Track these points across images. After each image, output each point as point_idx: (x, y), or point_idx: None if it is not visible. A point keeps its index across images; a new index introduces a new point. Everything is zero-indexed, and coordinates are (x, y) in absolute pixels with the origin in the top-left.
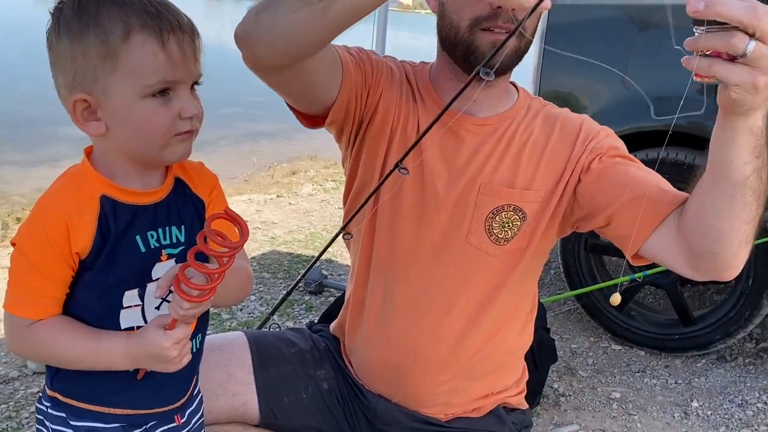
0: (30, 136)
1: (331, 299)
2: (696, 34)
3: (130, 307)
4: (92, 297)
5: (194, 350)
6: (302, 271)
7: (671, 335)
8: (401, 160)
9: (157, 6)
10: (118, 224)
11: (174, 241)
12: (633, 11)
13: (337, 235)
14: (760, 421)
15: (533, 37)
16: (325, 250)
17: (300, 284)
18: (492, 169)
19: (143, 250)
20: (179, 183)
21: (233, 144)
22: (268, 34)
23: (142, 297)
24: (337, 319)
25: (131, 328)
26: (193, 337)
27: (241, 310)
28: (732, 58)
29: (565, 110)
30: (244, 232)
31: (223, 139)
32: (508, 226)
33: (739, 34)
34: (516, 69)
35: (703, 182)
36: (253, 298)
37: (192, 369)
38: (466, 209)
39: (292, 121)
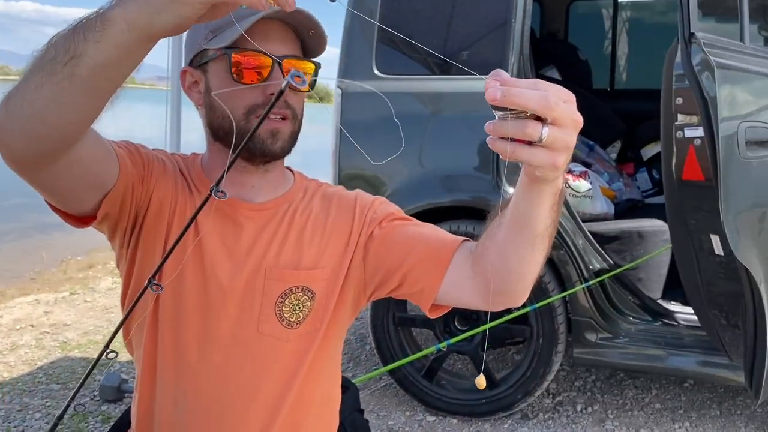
0: None
1: None
2: (496, 117)
3: None
4: None
5: None
6: (99, 378)
7: (479, 400)
8: (156, 271)
9: None
10: None
11: None
12: (425, 98)
13: (116, 331)
14: None
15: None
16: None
17: (94, 393)
18: (275, 252)
19: None
20: None
21: (19, 238)
22: (21, 121)
23: None
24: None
25: None
26: None
27: (23, 431)
28: (531, 142)
29: (340, 187)
30: None
31: (8, 233)
32: (299, 308)
33: (533, 123)
34: (316, 150)
35: (504, 232)
36: (38, 416)
37: None
38: (254, 297)
39: None
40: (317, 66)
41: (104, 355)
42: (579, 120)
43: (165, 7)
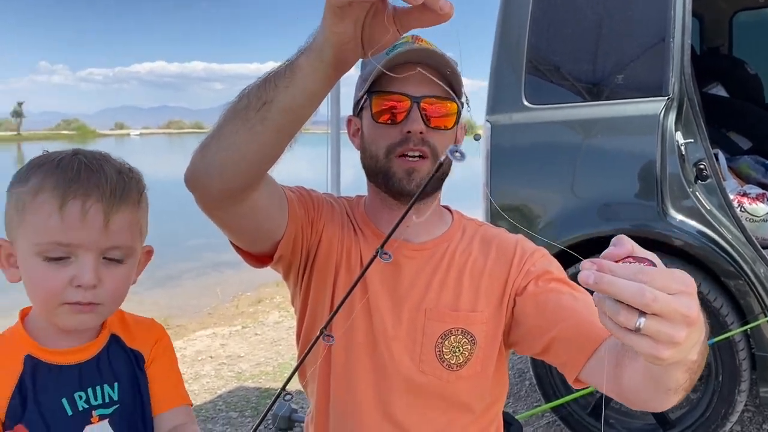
0: None
1: None
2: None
3: None
4: None
5: None
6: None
7: None
8: (326, 324)
9: (83, 171)
10: (37, 385)
11: (107, 400)
12: (576, 125)
13: (291, 376)
14: None
15: (449, 162)
16: (283, 387)
17: (268, 421)
18: (435, 293)
19: (70, 413)
20: (114, 338)
21: (197, 276)
22: (216, 164)
23: None
24: None
25: None
26: None
27: None
28: None
29: (501, 230)
30: None
31: (188, 272)
32: (459, 350)
33: (627, 311)
34: (462, 180)
35: (638, 368)
36: None
37: None
38: (416, 337)
39: None
40: (459, 105)
41: (281, 397)
42: (691, 315)
43: (324, 37)
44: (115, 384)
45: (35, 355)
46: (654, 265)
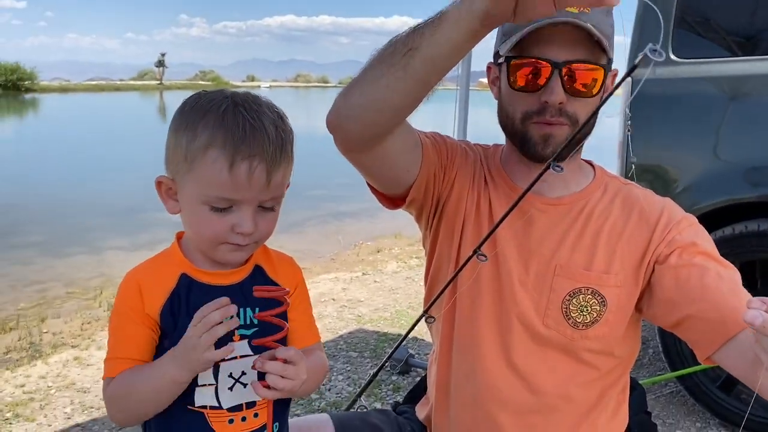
0: (131, 222)
1: (418, 378)
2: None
3: (204, 385)
4: None
5: None
6: (388, 350)
7: None
8: (479, 247)
9: (248, 130)
10: (191, 301)
11: (248, 322)
12: (723, 82)
13: (418, 320)
14: None
15: (593, 123)
16: (408, 333)
17: (387, 364)
18: (568, 250)
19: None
20: (258, 269)
21: (319, 224)
22: (358, 107)
23: (216, 376)
24: (421, 403)
25: (204, 407)
26: (264, 429)
27: (329, 390)
28: None
29: (647, 192)
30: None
31: (310, 219)
32: (587, 310)
33: None
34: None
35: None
36: (341, 377)
37: None
38: (542, 291)
39: (375, 200)
40: (606, 69)
41: (424, 319)
42: None
43: None
44: (257, 309)
45: (190, 274)
46: None
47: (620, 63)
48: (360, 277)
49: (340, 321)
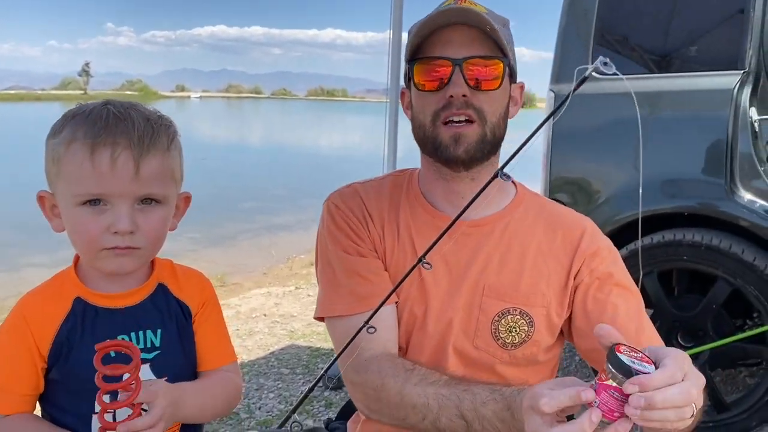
0: (50, 238)
1: None
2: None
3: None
4: (65, 399)
5: None
6: (321, 366)
7: (705, 423)
8: (423, 256)
9: (110, 120)
10: (86, 326)
11: (149, 345)
12: (642, 98)
13: (359, 331)
14: None
15: (502, 126)
16: (347, 346)
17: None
18: (495, 271)
19: (113, 354)
20: (161, 287)
21: (251, 237)
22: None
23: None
24: (352, 419)
25: None
26: None
27: (259, 408)
28: None
29: (569, 211)
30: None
31: (242, 232)
32: (515, 330)
33: (684, 409)
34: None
35: None
36: (272, 395)
37: None
38: (471, 312)
39: (310, 212)
40: (505, 64)
41: (365, 329)
42: (703, 382)
43: None
44: (159, 331)
45: (85, 298)
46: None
47: (545, 78)
48: (293, 292)
49: (272, 337)
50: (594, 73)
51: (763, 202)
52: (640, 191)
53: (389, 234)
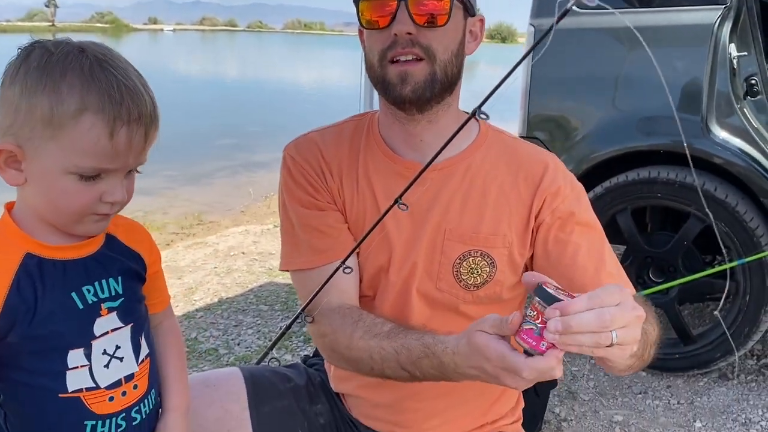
0: None
1: None
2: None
3: (76, 368)
4: (33, 360)
5: (146, 414)
6: (300, 303)
7: (671, 355)
8: (400, 197)
9: (123, 91)
10: (46, 282)
11: (113, 293)
12: (621, 34)
13: (336, 270)
14: None
15: (456, 63)
16: (325, 283)
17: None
18: (456, 214)
19: (81, 306)
20: (110, 237)
21: (230, 175)
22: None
23: (88, 356)
24: None
25: (79, 390)
26: (145, 397)
27: (238, 344)
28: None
29: (533, 149)
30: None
31: (220, 170)
32: (477, 272)
33: (600, 335)
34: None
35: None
36: (250, 332)
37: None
38: (434, 256)
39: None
40: (452, 1)
41: (341, 269)
42: (641, 314)
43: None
44: (119, 277)
45: (36, 252)
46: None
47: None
48: (271, 230)
49: (251, 275)
50: (575, 7)
51: (737, 141)
52: (677, 121)
53: (348, 184)
